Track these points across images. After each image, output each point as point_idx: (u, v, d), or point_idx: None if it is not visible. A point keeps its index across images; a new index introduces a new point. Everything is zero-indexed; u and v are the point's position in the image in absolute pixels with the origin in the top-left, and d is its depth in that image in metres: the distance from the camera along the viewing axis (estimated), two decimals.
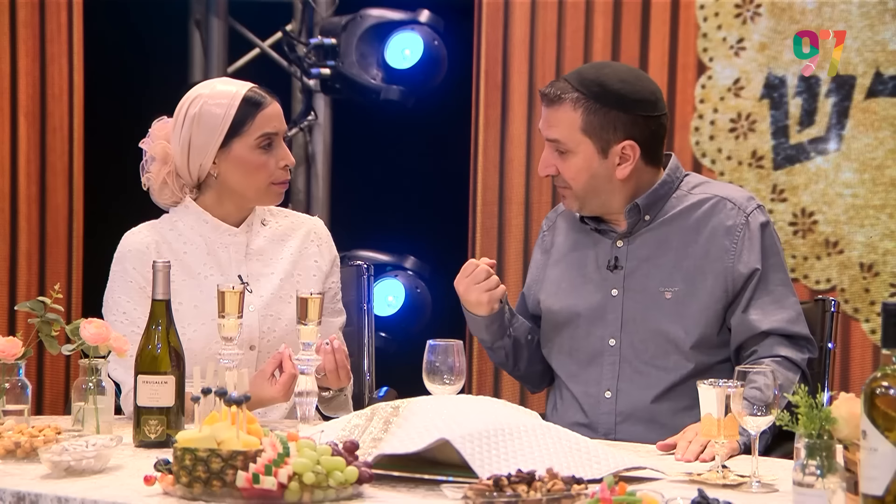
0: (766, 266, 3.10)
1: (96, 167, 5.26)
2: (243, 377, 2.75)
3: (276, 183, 3.20)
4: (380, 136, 5.62)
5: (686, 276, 3.10)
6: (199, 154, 3.18)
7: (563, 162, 3.13)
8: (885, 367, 2.12)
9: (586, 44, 5.02)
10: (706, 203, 3.15)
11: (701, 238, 3.12)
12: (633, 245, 3.16)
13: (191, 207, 3.24)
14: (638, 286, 3.14)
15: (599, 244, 3.20)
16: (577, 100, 3.10)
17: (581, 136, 3.11)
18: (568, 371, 3.20)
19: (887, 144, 4.75)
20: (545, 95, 3.15)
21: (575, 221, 3.27)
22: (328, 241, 3.34)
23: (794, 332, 3.08)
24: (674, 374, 3.09)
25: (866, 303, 4.76)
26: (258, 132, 3.18)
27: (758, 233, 3.11)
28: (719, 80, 4.93)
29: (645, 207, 3.15)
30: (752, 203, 3.14)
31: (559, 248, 3.29)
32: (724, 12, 4.91)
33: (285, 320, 3.17)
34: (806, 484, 2.15)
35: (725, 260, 3.09)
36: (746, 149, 4.90)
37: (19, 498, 2.40)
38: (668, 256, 3.13)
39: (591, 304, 3.18)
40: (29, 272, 5.08)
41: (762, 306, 3.08)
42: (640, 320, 3.13)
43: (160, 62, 5.53)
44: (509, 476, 2.27)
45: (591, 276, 3.20)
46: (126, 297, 3.16)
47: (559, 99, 3.12)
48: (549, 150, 3.15)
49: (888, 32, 4.74)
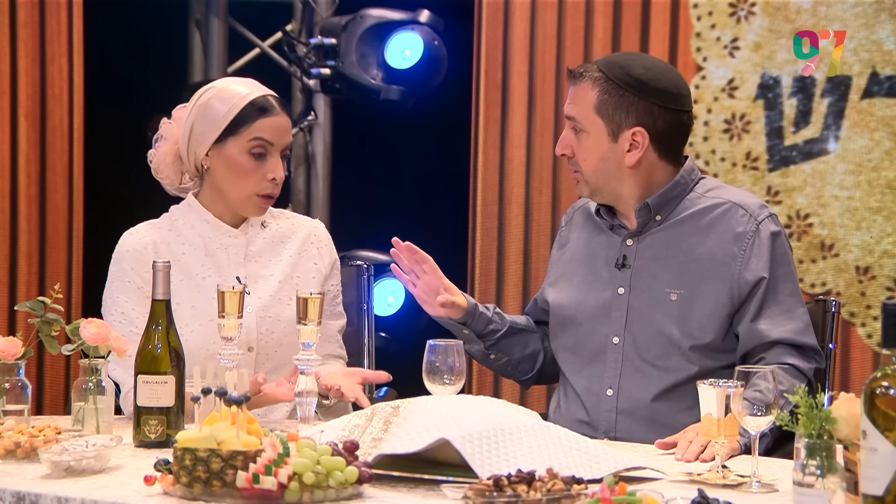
0: (775, 276, 3.08)
1: (96, 167, 5.26)
2: (243, 377, 2.75)
3: (261, 195, 3.19)
4: (380, 136, 5.62)
5: (692, 279, 3.10)
6: (196, 142, 3.20)
7: (578, 142, 3.15)
8: (885, 367, 2.12)
9: (586, 44, 5.02)
10: (718, 208, 3.14)
11: (710, 242, 3.11)
12: (643, 244, 3.16)
13: (193, 206, 3.24)
14: (644, 285, 3.14)
15: (610, 241, 3.21)
16: (596, 79, 3.12)
17: (594, 115, 3.12)
18: (572, 367, 3.21)
19: (883, 146, 4.71)
20: (570, 71, 3.18)
21: (590, 216, 3.27)
22: (328, 244, 3.34)
23: (803, 343, 3.06)
24: (675, 375, 3.09)
25: (862, 307, 4.72)
26: (253, 136, 3.17)
27: (767, 241, 3.09)
28: (713, 80, 4.90)
29: (655, 207, 3.15)
30: (764, 211, 3.13)
31: (574, 244, 3.29)
32: (717, 11, 4.88)
33: (284, 322, 3.17)
34: (806, 484, 2.15)
35: (733, 266, 3.08)
36: (741, 150, 4.87)
37: (19, 498, 2.40)
38: (676, 258, 3.13)
39: (597, 301, 3.18)
40: (29, 272, 5.08)
41: (771, 316, 3.06)
42: (644, 320, 3.12)
43: (160, 62, 5.54)
44: (509, 476, 2.27)
45: (600, 274, 3.20)
46: (124, 296, 3.16)
47: (581, 76, 3.15)
48: (568, 128, 3.17)
49: (884, 32, 4.70)
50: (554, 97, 5.08)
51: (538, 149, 5.11)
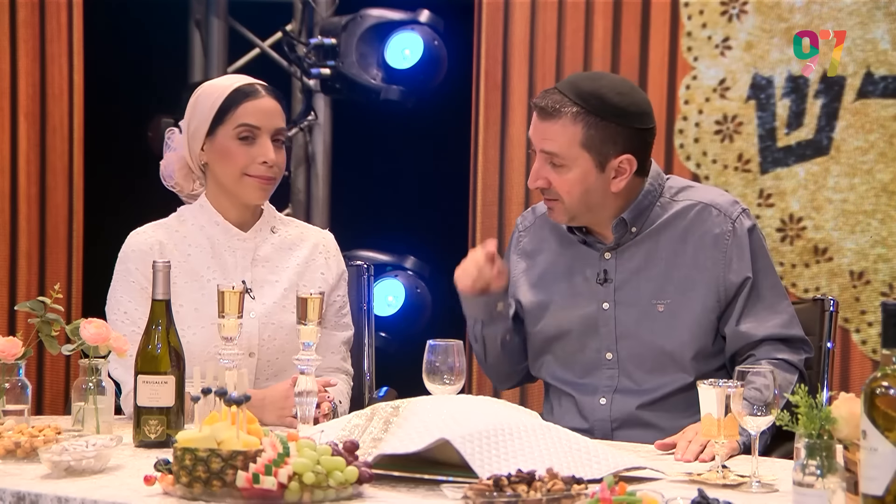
0: (755, 271, 3.08)
1: (96, 167, 5.26)
2: (243, 377, 2.75)
3: (252, 175, 3.18)
4: (380, 136, 5.63)
5: (677, 288, 3.09)
6: (192, 139, 3.23)
7: (558, 175, 3.07)
8: (885, 367, 2.12)
9: (586, 44, 5.02)
10: (691, 210, 3.12)
11: (689, 248, 3.10)
12: (622, 258, 3.14)
13: (205, 207, 3.24)
14: (629, 299, 3.12)
15: (587, 256, 3.17)
16: (576, 114, 3.04)
17: (580, 150, 3.05)
18: (564, 380, 3.19)
19: (878, 147, 4.66)
20: (542, 108, 3.07)
21: (556, 228, 3.22)
22: (336, 255, 3.34)
23: (790, 336, 3.07)
24: (671, 385, 3.09)
25: (857, 312, 4.67)
26: (238, 121, 3.18)
27: (745, 239, 3.09)
28: (704, 81, 4.86)
29: (631, 221, 3.12)
30: (736, 208, 3.12)
31: (545, 258, 3.24)
32: (709, 10, 4.84)
33: (286, 329, 3.15)
34: (806, 484, 2.15)
35: (716, 270, 3.07)
36: (732, 152, 4.82)
37: (19, 498, 2.40)
38: (658, 268, 3.11)
39: (581, 317, 3.15)
40: (29, 272, 5.08)
41: (755, 314, 3.06)
42: (634, 334, 3.11)
43: (160, 62, 5.54)
44: (509, 476, 2.27)
45: (580, 289, 3.17)
46: (128, 296, 3.16)
47: (557, 112, 3.05)
48: (542, 161, 3.09)
49: (879, 31, 4.64)
50: None
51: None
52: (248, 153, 3.17)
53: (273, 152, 3.18)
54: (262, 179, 3.18)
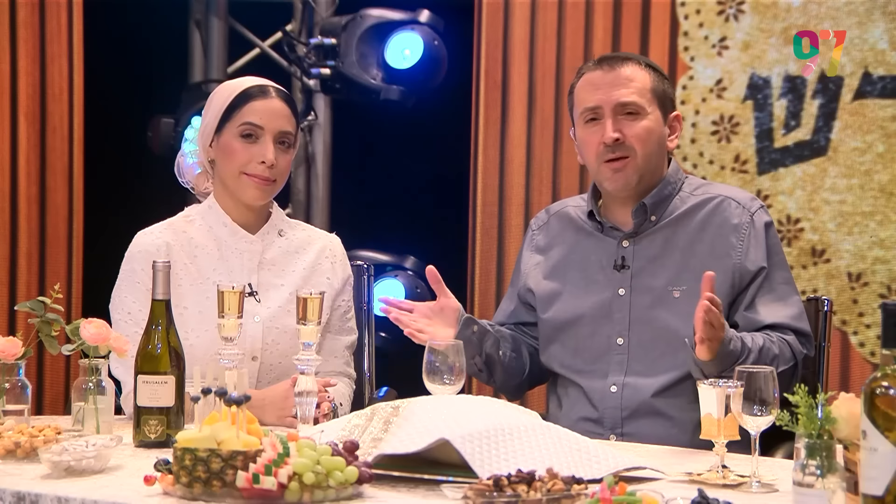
0: (770, 264, 3.13)
1: (96, 167, 5.26)
2: (243, 377, 2.75)
3: (249, 174, 3.19)
4: (380, 136, 5.63)
5: (694, 275, 3.10)
6: (204, 136, 3.27)
7: (633, 124, 3.15)
8: (885, 367, 2.12)
9: (586, 44, 5.02)
10: (710, 202, 3.18)
11: (707, 236, 3.15)
12: (640, 245, 3.18)
13: (213, 208, 3.25)
14: (645, 285, 3.15)
15: (603, 244, 3.21)
16: (642, 64, 3.20)
17: (651, 97, 3.17)
18: (574, 368, 3.21)
19: (876, 148, 4.65)
20: (610, 58, 3.20)
21: (572, 222, 3.27)
22: (342, 260, 3.34)
23: (798, 328, 3.11)
24: (681, 370, 3.09)
25: (854, 314, 4.66)
26: (242, 120, 3.19)
27: (763, 231, 3.14)
28: (701, 81, 4.85)
29: (651, 207, 3.17)
30: (755, 203, 3.19)
31: (559, 251, 3.28)
32: (705, 10, 4.83)
33: (290, 334, 3.14)
34: (806, 484, 2.15)
35: (733, 256, 3.12)
36: (729, 152, 4.81)
37: (19, 498, 2.40)
38: (675, 256, 3.15)
39: (596, 303, 3.19)
40: (29, 272, 5.08)
41: (766, 303, 3.11)
42: (648, 319, 3.14)
43: (160, 62, 5.54)
44: (509, 476, 2.27)
45: (595, 277, 3.20)
46: (132, 297, 3.15)
47: (627, 59, 3.19)
48: (613, 116, 3.14)
49: (877, 31, 4.63)
50: (554, 97, 5.08)
51: (538, 149, 5.11)
52: (248, 151, 3.18)
53: (272, 153, 3.18)
54: (260, 179, 3.18)
